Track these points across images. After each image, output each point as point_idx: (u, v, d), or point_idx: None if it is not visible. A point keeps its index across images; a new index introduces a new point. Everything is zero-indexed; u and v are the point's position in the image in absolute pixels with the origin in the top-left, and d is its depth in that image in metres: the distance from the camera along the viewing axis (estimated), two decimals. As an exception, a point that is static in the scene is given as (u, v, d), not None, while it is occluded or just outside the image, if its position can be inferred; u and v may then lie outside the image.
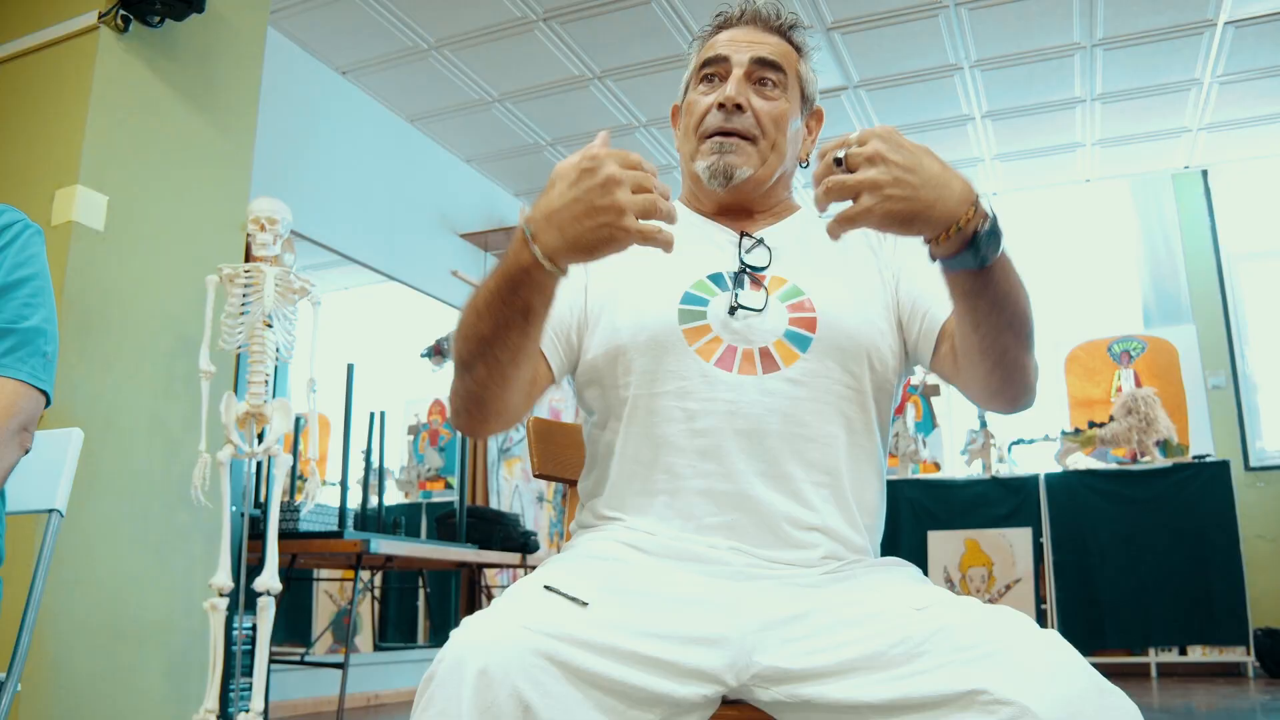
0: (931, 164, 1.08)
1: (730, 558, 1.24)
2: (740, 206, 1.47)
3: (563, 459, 1.67)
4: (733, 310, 1.33)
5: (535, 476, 1.64)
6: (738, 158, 1.40)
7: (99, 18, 3.07)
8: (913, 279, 1.40)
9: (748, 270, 1.38)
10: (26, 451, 1.55)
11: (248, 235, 3.18)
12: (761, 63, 1.44)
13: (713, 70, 1.46)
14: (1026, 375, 1.27)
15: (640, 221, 1.07)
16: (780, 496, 1.27)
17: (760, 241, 1.43)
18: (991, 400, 1.31)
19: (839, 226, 1.08)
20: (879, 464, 1.39)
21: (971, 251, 1.09)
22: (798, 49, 1.51)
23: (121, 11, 3.09)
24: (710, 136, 1.42)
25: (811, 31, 4.92)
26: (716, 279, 1.37)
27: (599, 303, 1.40)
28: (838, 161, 1.08)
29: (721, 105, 1.41)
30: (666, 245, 1.09)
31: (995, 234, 1.09)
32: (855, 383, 1.34)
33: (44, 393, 1.57)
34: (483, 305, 1.18)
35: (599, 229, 1.07)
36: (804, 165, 1.53)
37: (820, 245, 1.41)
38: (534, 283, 1.13)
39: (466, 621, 1.05)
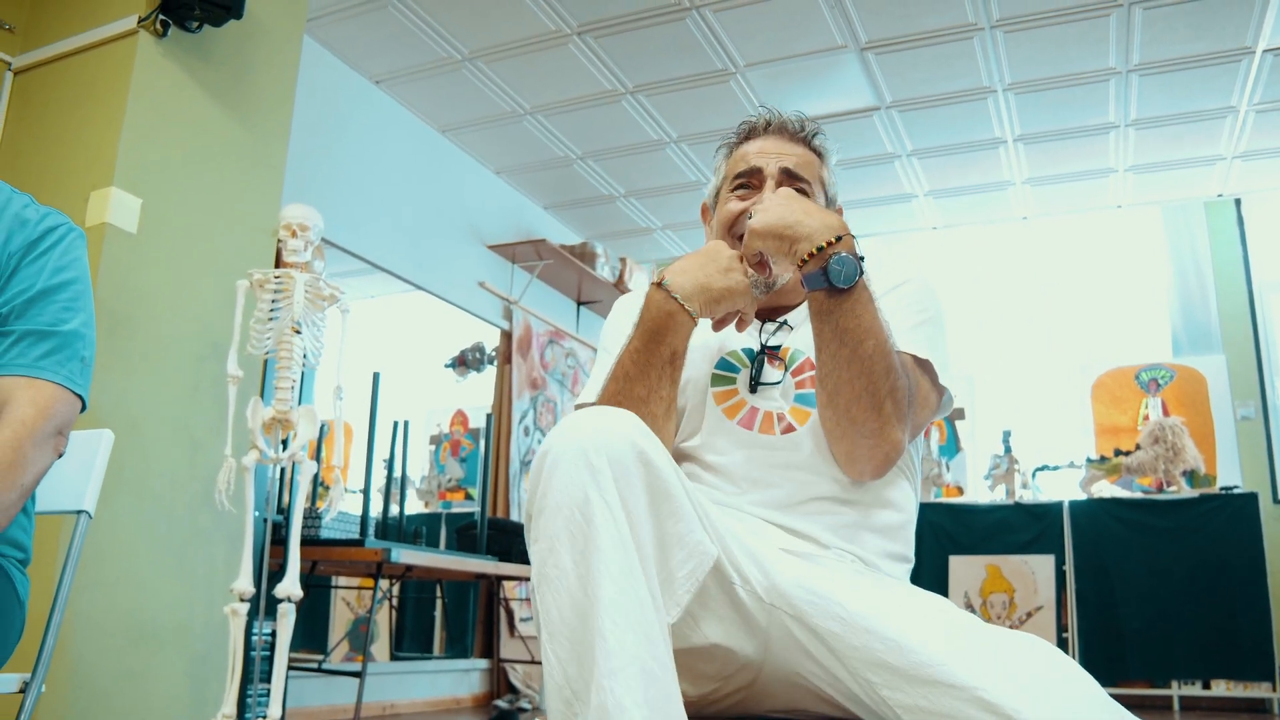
0: (796, 205, 1.38)
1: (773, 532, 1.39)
2: (775, 305, 1.62)
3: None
4: (753, 389, 1.50)
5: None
6: (779, 267, 1.52)
7: (138, 22, 3.10)
8: None
9: (767, 350, 1.55)
10: (60, 455, 1.55)
11: (279, 241, 3.18)
12: (790, 174, 1.58)
13: (746, 180, 1.60)
14: (857, 431, 1.35)
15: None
16: (806, 530, 1.40)
17: (783, 324, 1.59)
18: (835, 449, 1.42)
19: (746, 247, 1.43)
20: (907, 488, 1.50)
21: (823, 273, 1.31)
22: (819, 154, 1.64)
23: (161, 16, 3.12)
24: None
25: (845, 51, 4.92)
26: (748, 352, 1.55)
27: None
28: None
29: None
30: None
31: (850, 266, 1.31)
32: None
33: (80, 397, 1.57)
34: (631, 367, 1.39)
35: (725, 286, 1.40)
36: None
37: None
38: (676, 326, 1.37)
39: (571, 426, 1.13)
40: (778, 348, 1.55)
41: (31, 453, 1.46)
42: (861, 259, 1.32)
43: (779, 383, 1.50)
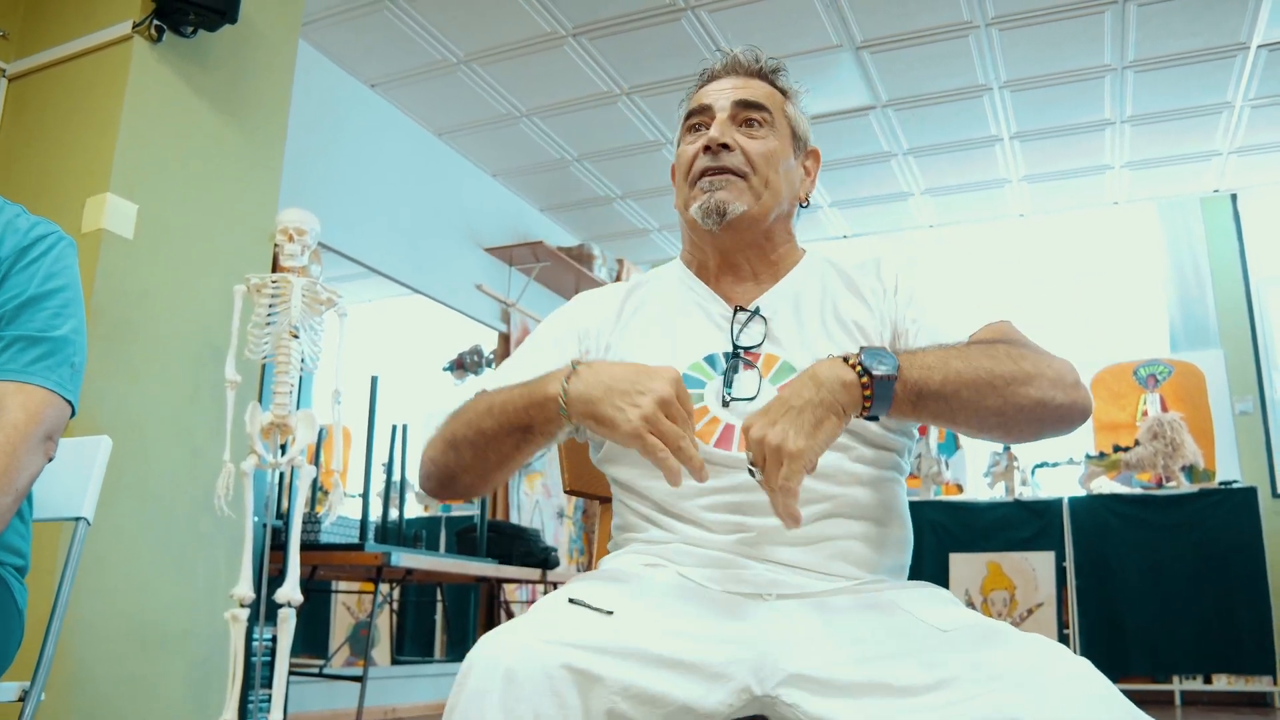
0: (788, 396, 1.13)
1: (756, 568, 1.25)
2: (740, 254, 1.46)
3: (592, 476, 1.66)
4: (726, 404, 1.34)
5: (566, 493, 1.63)
6: (729, 194, 1.39)
7: (133, 27, 3.10)
8: (913, 319, 1.39)
9: (739, 352, 1.37)
10: (50, 460, 1.55)
11: (275, 245, 3.18)
12: (744, 104, 1.45)
13: (698, 120, 1.47)
14: (1031, 414, 1.21)
15: (652, 439, 1.11)
16: (794, 571, 1.27)
17: (755, 313, 1.41)
18: (1038, 437, 1.27)
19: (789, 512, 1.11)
20: (897, 512, 1.37)
21: (879, 402, 1.13)
22: (783, 92, 1.51)
23: (155, 21, 3.12)
24: (700, 179, 1.42)
25: (841, 50, 4.92)
26: (711, 360, 1.38)
27: None
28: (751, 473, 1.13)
29: (708, 147, 1.42)
30: (671, 474, 1.11)
31: (885, 383, 1.13)
32: (855, 444, 1.32)
33: (70, 403, 1.57)
34: (496, 406, 1.26)
35: (616, 408, 1.12)
36: (804, 206, 1.54)
37: (816, 305, 1.42)
38: (545, 414, 1.21)
39: (487, 637, 1.06)
40: (752, 347, 1.38)
41: (24, 457, 1.47)
42: (867, 369, 1.13)
43: (754, 398, 1.33)
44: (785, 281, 1.46)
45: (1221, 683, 5.55)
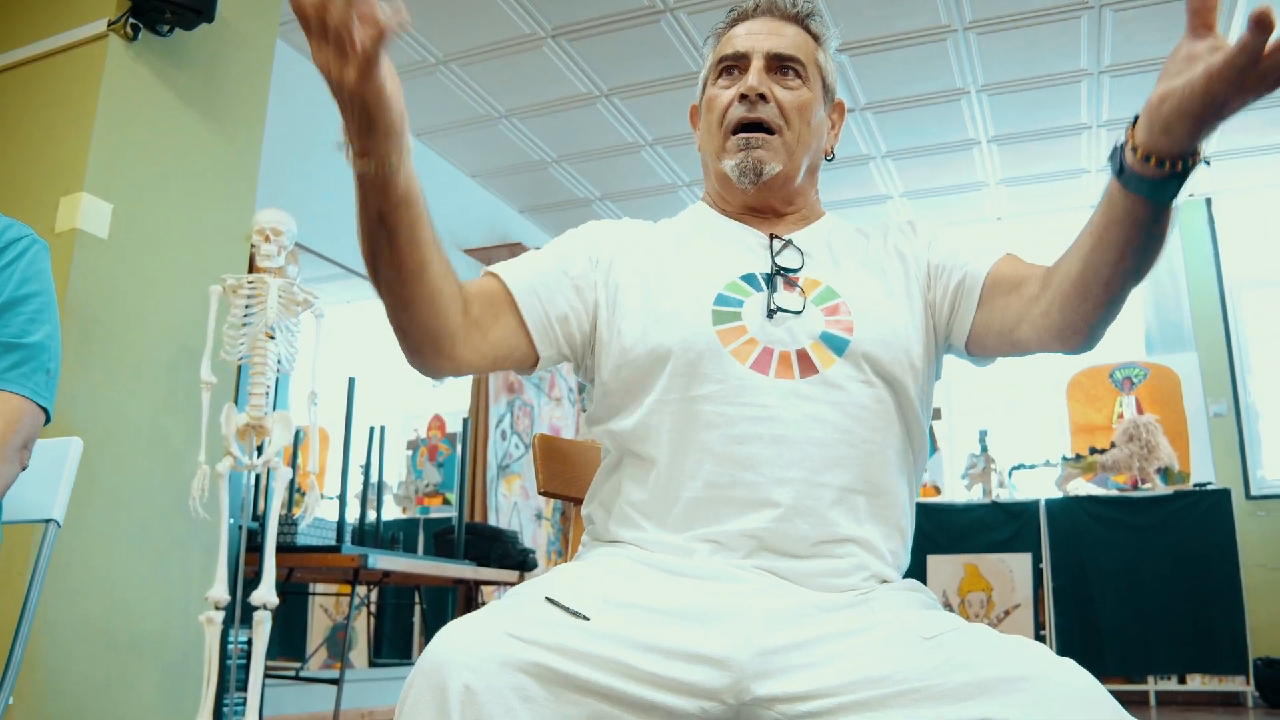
0: None
1: (750, 576, 1.20)
2: (768, 206, 1.45)
3: (568, 477, 1.65)
4: (771, 313, 1.30)
5: (540, 494, 1.62)
6: (766, 153, 1.38)
7: (108, 25, 3.07)
8: (943, 256, 1.39)
9: (781, 272, 1.35)
10: (24, 468, 1.54)
11: (252, 246, 3.16)
12: (778, 57, 1.42)
13: (732, 64, 1.44)
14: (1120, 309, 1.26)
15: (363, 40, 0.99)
16: (817, 505, 1.23)
17: (789, 243, 1.40)
18: (1072, 336, 1.30)
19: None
20: (913, 476, 1.36)
21: (1175, 182, 1.07)
22: (816, 38, 1.48)
23: (131, 20, 3.10)
24: (735, 132, 1.40)
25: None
26: (749, 279, 1.34)
27: (625, 302, 1.36)
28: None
29: (744, 96, 1.39)
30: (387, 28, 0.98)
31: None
32: (892, 387, 1.31)
33: (45, 410, 1.56)
34: (358, 236, 1.23)
35: (339, 87, 1.05)
36: (829, 159, 1.52)
37: (851, 252, 1.42)
38: (367, 185, 1.17)
39: (450, 628, 1.02)
40: (792, 270, 1.36)
41: (1, 466, 1.45)
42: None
43: (800, 311, 1.30)
44: (815, 226, 1.46)
45: (1196, 683, 5.60)
